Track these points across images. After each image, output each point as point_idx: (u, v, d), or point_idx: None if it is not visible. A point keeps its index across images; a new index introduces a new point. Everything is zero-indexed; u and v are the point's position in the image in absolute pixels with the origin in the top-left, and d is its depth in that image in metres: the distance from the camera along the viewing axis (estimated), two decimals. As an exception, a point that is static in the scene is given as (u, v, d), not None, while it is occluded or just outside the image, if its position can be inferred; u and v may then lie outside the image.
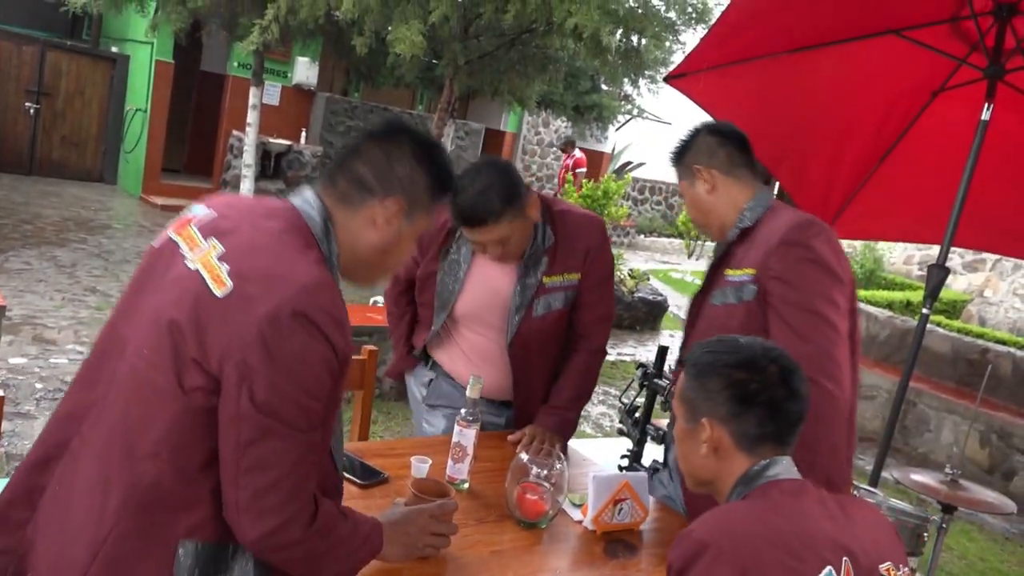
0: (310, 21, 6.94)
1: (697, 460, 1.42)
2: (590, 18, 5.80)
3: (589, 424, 5.63)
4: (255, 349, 1.21)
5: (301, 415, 1.25)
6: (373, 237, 1.42)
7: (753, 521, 1.27)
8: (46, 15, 11.48)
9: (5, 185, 10.14)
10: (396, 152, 1.41)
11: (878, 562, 1.30)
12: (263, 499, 1.24)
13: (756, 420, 1.36)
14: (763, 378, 1.36)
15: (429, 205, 1.46)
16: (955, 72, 3.17)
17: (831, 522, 1.29)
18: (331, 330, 1.25)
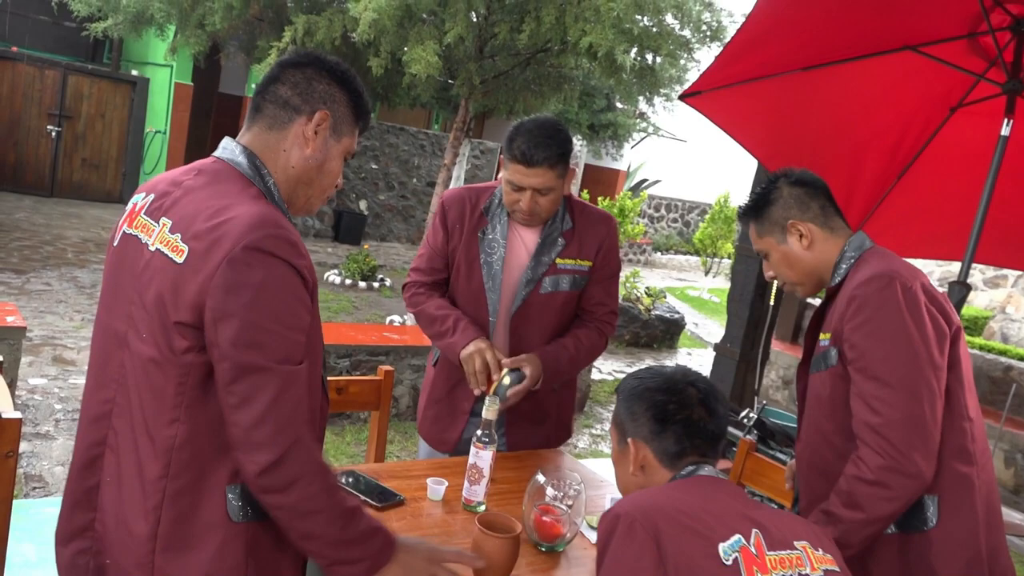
0: (327, 42, 7.00)
1: (628, 479, 1.55)
2: (605, 37, 5.82)
3: (606, 444, 5.59)
4: (220, 293, 1.28)
5: (277, 346, 1.30)
6: (306, 151, 1.49)
7: (664, 497, 1.38)
8: (68, 40, 11.68)
9: (27, 207, 10.27)
10: (313, 73, 1.49)
11: (793, 539, 1.37)
12: (252, 434, 1.29)
13: (675, 437, 1.49)
14: (681, 399, 1.51)
15: (352, 124, 1.54)
16: (973, 88, 3.15)
17: (742, 504, 1.40)
18: (287, 253, 1.33)
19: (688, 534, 1.29)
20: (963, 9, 2.83)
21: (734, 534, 1.31)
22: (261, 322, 1.29)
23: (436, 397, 2.48)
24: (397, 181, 13.07)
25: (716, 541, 1.29)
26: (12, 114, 10.91)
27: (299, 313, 1.35)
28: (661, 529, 1.28)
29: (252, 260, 1.29)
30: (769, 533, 1.34)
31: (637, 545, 1.28)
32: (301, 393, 1.35)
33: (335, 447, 4.51)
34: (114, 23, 8.15)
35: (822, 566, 1.36)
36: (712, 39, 6.43)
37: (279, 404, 1.30)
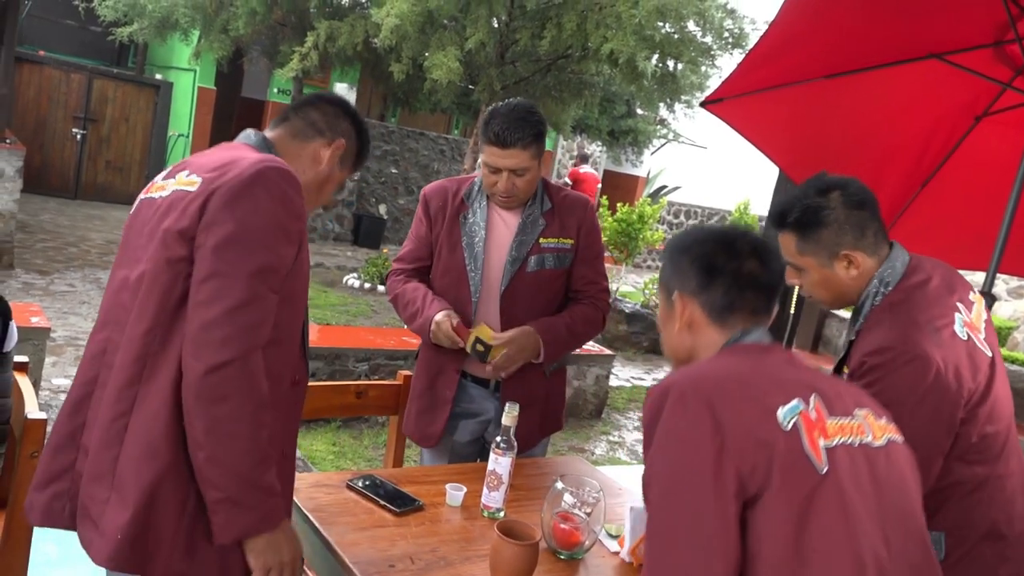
0: (349, 48, 7.06)
1: (675, 341, 1.46)
2: (626, 44, 5.82)
3: (624, 451, 5.57)
4: (220, 202, 1.41)
5: (253, 260, 1.39)
6: (317, 168, 1.68)
7: (713, 367, 1.32)
8: (94, 44, 11.83)
9: (52, 209, 10.40)
10: (342, 112, 1.74)
11: (854, 407, 1.31)
12: (206, 333, 1.36)
13: (723, 289, 1.38)
14: (731, 250, 1.40)
15: (354, 161, 1.77)
16: (999, 96, 3.12)
17: (797, 369, 1.33)
18: (287, 187, 1.46)
19: (743, 401, 1.22)
20: (989, 17, 2.80)
21: (792, 399, 1.23)
22: (245, 236, 1.40)
23: (419, 391, 2.51)
24: (416, 186, 13.12)
25: (774, 406, 1.22)
26: (38, 117, 11.06)
27: (282, 242, 1.44)
28: (714, 397, 1.21)
29: (256, 183, 1.43)
30: (828, 399, 1.27)
31: (691, 414, 1.20)
32: (265, 314, 1.41)
33: (353, 450, 4.52)
34: (139, 28, 8.25)
35: (885, 435, 1.31)
36: (734, 46, 6.41)
37: (239, 313, 1.37)
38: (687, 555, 1.16)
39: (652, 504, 1.23)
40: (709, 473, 1.16)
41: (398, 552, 1.75)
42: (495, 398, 2.44)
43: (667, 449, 1.22)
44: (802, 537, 1.16)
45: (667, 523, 1.19)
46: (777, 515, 1.17)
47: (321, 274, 9.71)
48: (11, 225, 7.09)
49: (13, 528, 1.88)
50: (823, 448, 1.21)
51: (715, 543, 1.15)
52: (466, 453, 2.52)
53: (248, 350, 1.37)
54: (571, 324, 2.42)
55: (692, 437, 1.19)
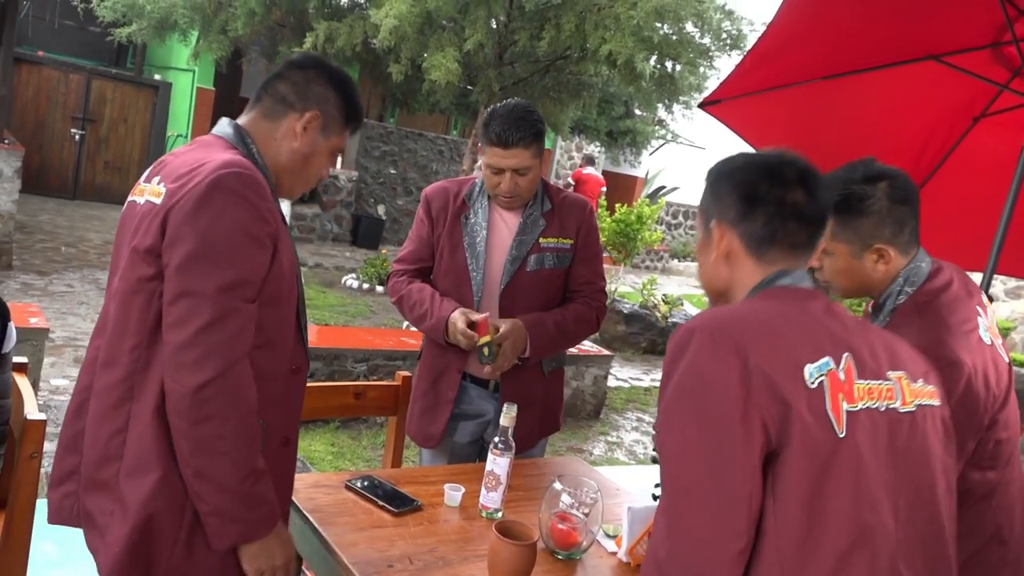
0: (347, 49, 7.06)
1: (711, 269, 1.37)
2: (624, 45, 5.83)
3: (622, 451, 5.58)
4: (181, 218, 1.39)
5: (218, 276, 1.37)
6: (294, 144, 1.61)
7: (746, 311, 1.24)
8: (93, 44, 11.82)
9: (50, 209, 10.40)
10: (313, 75, 1.63)
11: (889, 368, 1.24)
12: (180, 355, 1.36)
13: (764, 218, 1.29)
14: (775, 179, 1.30)
15: (342, 125, 1.66)
16: (997, 98, 3.13)
17: (836, 324, 1.24)
18: (248, 192, 1.41)
19: (773, 351, 1.15)
20: (987, 19, 2.81)
21: (823, 356, 1.17)
22: (208, 251, 1.37)
23: (422, 390, 2.52)
24: (415, 186, 13.12)
25: (803, 361, 1.15)
26: (37, 117, 11.06)
27: (250, 251, 1.42)
28: (744, 342, 1.14)
29: (214, 193, 1.39)
30: (861, 358, 1.21)
31: (720, 358, 1.14)
32: (240, 328, 1.40)
33: (352, 451, 4.52)
34: (138, 28, 8.25)
35: (916, 400, 1.25)
36: (732, 47, 6.42)
37: (211, 331, 1.36)
38: (711, 505, 1.11)
39: (671, 449, 1.17)
40: (738, 419, 1.11)
41: (397, 552, 1.76)
42: (494, 399, 2.45)
43: (692, 393, 1.16)
44: (816, 500, 1.13)
45: (689, 470, 1.14)
46: (794, 475, 1.12)
47: (320, 274, 9.71)
48: (10, 225, 7.09)
49: (13, 528, 1.89)
50: (845, 412, 1.16)
51: (741, 493, 1.11)
52: (465, 454, 2.53)
53: (226, 367, 1.37)
54: (561, 321, 2.43)
55: (720, 381, 1.13)
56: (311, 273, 9.71)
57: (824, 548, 1.13)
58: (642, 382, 7.55)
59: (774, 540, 1.12)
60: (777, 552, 1.12)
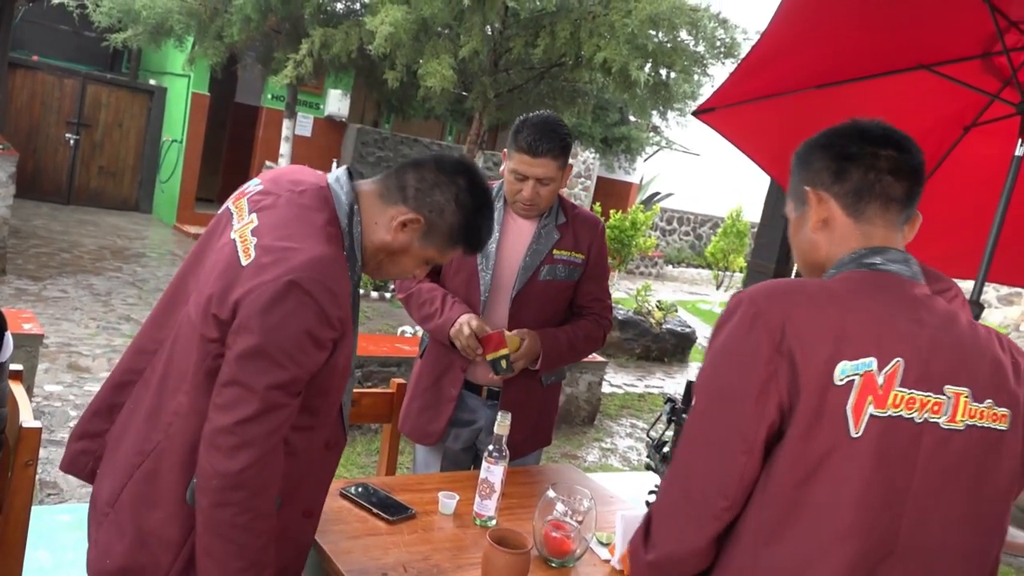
0: (343, 55, 7.07)
1: (808, 241, 1.37)
2: (619, 52, 5.85)
3: (616, 458, 5.58)
4: (252, 309, 1.39)
5: (274, 374, 1.38)
6: (387, 237, 1.58)
7: (805, 290, 1.24)
8: (88, 49, 11.81)
9: (44, 214, 10.38)
10: (445, 184, 1.57)
11: (948, 382, 1.21)
12: (217, 437, 1.39)
13: (858, 174, 1.31)
14: (865, 138, 1.33)
15: (447, 241, 1.61)
16: (987, 107, 3.15)
17: (907, 322, 1.21)
18: (323, 299, 1.40)
19: (812, 338, 1.17)
20: (978, 29, 2.83)
21: (867, 355, 1.17)
22: (270, 349, 1.38)
23: (423, 387, 2.53)
24: (410, 192, 13.10)
25: (840, 357, 1.17)
26: (31, 122, 11.05)
27: (311, 353, 1.42)
28: (786, 324, 1.18)
29: (290, 293, 1.38)
30: (916, 366, 1.19)
31: (754, 336, 1.19)
32: (280, 422, 1.42)
33: (346, 457, 4.52)
34: (134, 34, 8.25)
35: (969, 420, 1.22)
36: (726, 55, 6.44)
37: (252, 424, 1.38)
38: (708, 464, 1.23)
39: (695, 405, 1.28)
40: (752, 397, 1.19)
41: (391, 560, 1.76)
42: (487, 406, 2.46)
43: (721, 360, 1.25)
44: (804, 488, 1.18)
45: (700, 430, 1.26)
46: (789, 458, 1.18)
47: (314, 280, 9.71)
48: (3, 231, 7.07)
49: (7, 536, 1.88)
50: (868, 414, 1.17)
51: (737, 461, 1.20)
52: (460, 460, 2.54)
53: (258, 459, 1.39)
54: (572, 338, 2.46)
55: (747, 358, 1.20)
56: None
57: (798, 533, 1.19)
58: (636, 388, 7.56)
59: (757, 510, 1.21)
60: (756, 522, 1.21)
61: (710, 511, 1.22)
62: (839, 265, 1.31)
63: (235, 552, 1.42)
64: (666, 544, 1.27)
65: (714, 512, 1.22)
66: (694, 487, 1.24)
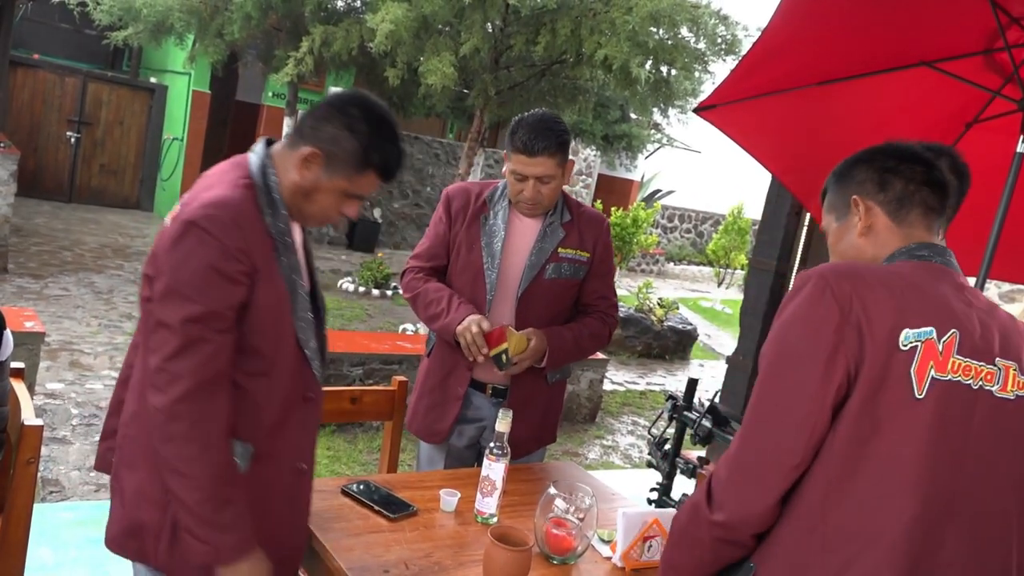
0: (343, 53, 7.07)
1: (851, 248, 1.51)
2: (620, 50, 5.85)
3: (618, 455, 5.59)
4: (162, 254, 1.51)
5: (186, 309, 1.46)
6: (296, 177, 1.63)
7: (868, 268, 1.36)
8: (88, 47, 11.82)
9: (46, 212, 10.38)
10: (336, 115, 1.62)
11: (1000, 355, 1.32)
12: (151, 377, 1.49)
13: (900, 184, 1.45)
14: (903, 155, 1.48)
15: (352, 168, 1.64)
16: (989, 104, 3.14)
17: (958, 302, 1.34)
18: (221, 234, 1.48)
19: (879, 305, 1.28)
20: (979, 25, 2.83)
21: (928, 324, 1.28)
22: (178, 285, 1.47)
23: (430, 386, 2.53)
24: (411, 189, 13.12)
25: (904, 324, 1.27)
26: (32, 120, 11.05)
27: (220, 286, 1.49)
28: (853, 294, 1.28)
29: (189, 232, 1.48)
30: (971, 338, 1.30)
31: (824, 305, 1.29)
32: (206, 359, 1.48)
33: (348, 455, 4.53)
34: (134, 32, 8.25)
35: (1019, 390, 1.32)
36: (727, 52, 6.44)
37: (177, 359, 1.46)
38: (779, 425, 1.30)
39: (762, 371, 1.35)
40: (821, 362, 1.27)
41: (392, 558, 1.76)
42: (492, 404, 2.46)
43: (791, 328, 1.33)
44: (868, 445, 1.26)
45: (770, 392, 1.33)
46: (855, 417, 1.26)
47: (316, 278, 9.70)
48: (5, 229, 7.08)
49: (9, 534, 1.89)
50: (931, 377, 1.26)
51: (806, 422, 1.27)
52: (464, 457, 2.54)
53: (189, 392, 1.46)
54: (578, 336, 2.46)
55: (816, 325, 1.28)
56: (307, 276, 9.70)
57: (862, 488, 1.26)
58: (638, 386, 7.56)
59: (823, 468, 1.29)
60: (822, 479, 1.28)
61: (781, 470, 1.29)
62: (891, 258, 1.44)
63: (190, 485, 1.48)
64: (734, 503, 1.32)
65: (784, 471, 1.29)
66: (765, 447, 1.31)
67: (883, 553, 1.25)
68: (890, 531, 1.26)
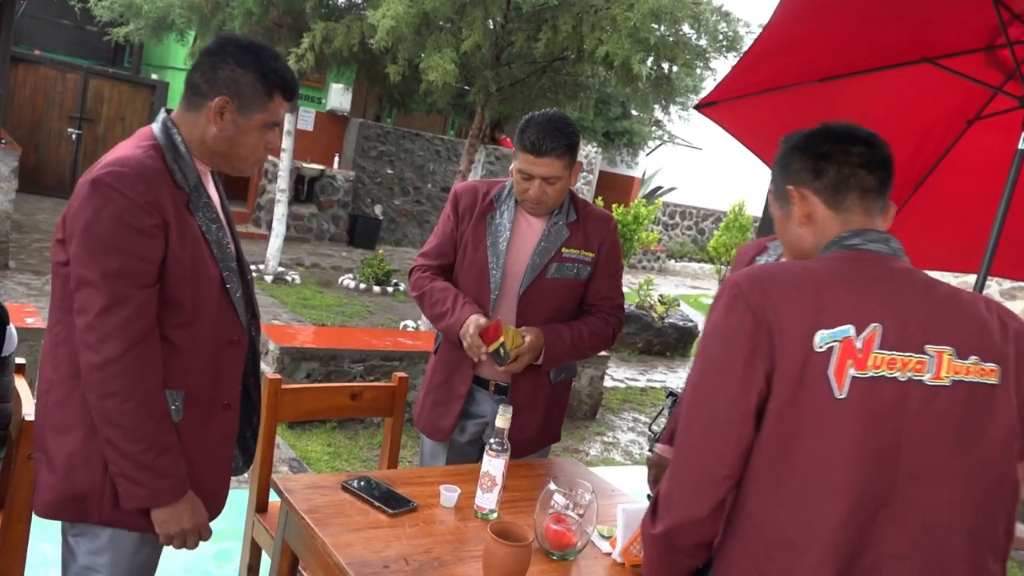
0: (344, 49, 7.05)
1: (794, 236, 1.51)
2: (621, 46, 5.83)
3: (619, 452, 5.59)
4: (72, 215, 1.55)
5: (105, 265, 1.51)
6: (214, 131, 1.67)
7: (785, 271, 1.37)
8: (90, 44, 11.81)
9: (47, 208, 10.38)
10: (219, 60, 1.66)
11: (928, 342, 1.29)
12: (83, 336, 1.53)
13: (834, 169, 1.44)
14: (835, 138, 1.46)
15: (260, 99, 1.68)
16: (991, 100, 3.14)
17: (884, 292, 1.32)
18: (127, 188, 1.53)
19: (793, 310, 1.28)
20: (981, 22, 2.82)
21: (845, 323, 1.27)
22: (92, 242, 1.52)
23: (436, 383, 2.55)
24: (412, 186, 13.12)
25: (818, 326, 1.27)
26: (34, 116, 11.05)
27: (136, 239, 1.54)
28: (764, 301, 1.29)
29: (95, 190, 1.53)
30: (893, 330, 1.28)
31: (736, 315, 1.31)
32: (134, 313, 1.54)
33: (348, 451, 4.53)
34: (135, 28, 8.24)
35: (955, 375, 1.29)
36: (728, 49, 6.42)
37: (106, 316, 1.52)
38: (705, 435, 1.33)
39: (689, 383, 1.39)
40: (739, 371, 1.29)
41: (392, 553, 1.77)
42: (494, 400, 2.47)
43: (710, 339, 1.36)
44: (795, 449, 1.27)
45: (695, 404, 1.36)
46: (778, 422, 1.28)
47: (316, 274, 9.72)
48: (6, 225, 7.08)
49: (11, 529, 1.89)
50: (850, 376, 1.26)
51: (731, 433, 1.30)
52: (466, 452, 2.55)
53: (124, 348, 1.53)
54: (576, 335, 2.45)
55: (732, 335, 1.31)
56: (308, 272, 9.71)
57: (794, 491, 1.28)
58: (638, 382, 7.56)
59: (755, 475, 1.31)
60: (755, 485, 1.31)
61: (709, 478, 1.31)
62: (826, 248, 1.43)
63: (130, 436, 1.55)
64: (671, 514, 1.35)
65: (713, 479, 1.31)
66: (694, 457, 1.34)
67: (818, 554, 1.25)
68: (822, 532, 1.25)
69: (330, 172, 11.81)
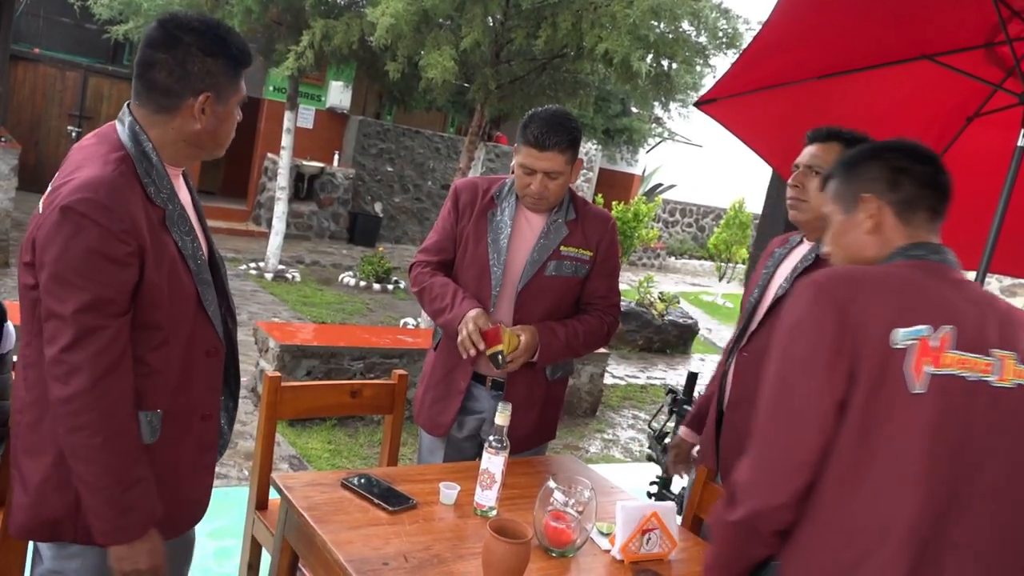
0: (344, 47, 7.05)
1: (855, 242, 1.54)
2: (621, 44, 5.83)
3: (618, 449, 5.59)
4: (41, 244, 1.46)
5: (76, 298, 1.44)
6: (198, 127, 1.61)
7: (862, 272, 1.42)
8: (89, 41, 11.79)
9: (47, 207, 10.37)
10: (184, 54, 1.56)
11: (996, 346, 1.37)
12: (51, 368, 1.47)
13: (911, 186, 1.49)
14: (914, 155, 1.52)
15: (229, 80, 1.62)
16: (990, 98, 3.14)
17: (954, 297, 1.39)
18: (99, 217, 1.44)
19: (873, 308, 1.34)
20: (980, 19, 2.82)
21: (922, 322, 1.33)
22: (64, 274, 1.44)
23: (435, 380, 2.55)
24: (412, 184, 13.12)
25: (897, 324, 1.33)
26: (33, 114, 11.05)
27: (108, 271, 1.46)
28: (847, 298, 1.34)
29: (65, 219, 1.44)
30: (966, 332, 1.35)
31: (819, 312, 1.35)
32: (104, 344, 1.47)
33: (348, 449, 4.54)
34: (135, 26, 8.23)
35: (1017, 379, 1.37)
36: (728, 46, 6.41)
37: (74, 350, 1.45)
38: (789, 425, 1.37)
39: (770, 377, 1.42)
40: (823, 364, 1.34)
41: (392, 550, 1.77)
42: (491, 396, 2.47)
43: (793, 333, 1.40)
44: (875, 441, 1.32)
45: (779, 396, 1.39)
46: (859, 415, 1.32)
47: (316, 272, 9.72)
48: (6, 223, 7.08)
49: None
50: (927, 373, 1.32)
51: (814, 422, 1.34)
52: (463, 448, 2.55)
53: (91, 383, 1.46)
54: (571, 333, 2.45)
55: (815, 332, 1.35)
56: (308, 270, 9.71)
57: (872, 481, 1.32)
58: (638, 379, 7.57)
59: (834, 465, 1.34)
60: (834, 475, 1.35)
61: (793, 465, 1.35)
62: (889, 257, 1.49)
63: (101, 472, 1.49)
64: (753, 500, 1.38)
65: (797, 466, 1.35)
66: (778, 445, 1.38)
67: (895, 543, 1.30)
68: (899, 522, 1.31)
69: (330, 170, 11.81)
